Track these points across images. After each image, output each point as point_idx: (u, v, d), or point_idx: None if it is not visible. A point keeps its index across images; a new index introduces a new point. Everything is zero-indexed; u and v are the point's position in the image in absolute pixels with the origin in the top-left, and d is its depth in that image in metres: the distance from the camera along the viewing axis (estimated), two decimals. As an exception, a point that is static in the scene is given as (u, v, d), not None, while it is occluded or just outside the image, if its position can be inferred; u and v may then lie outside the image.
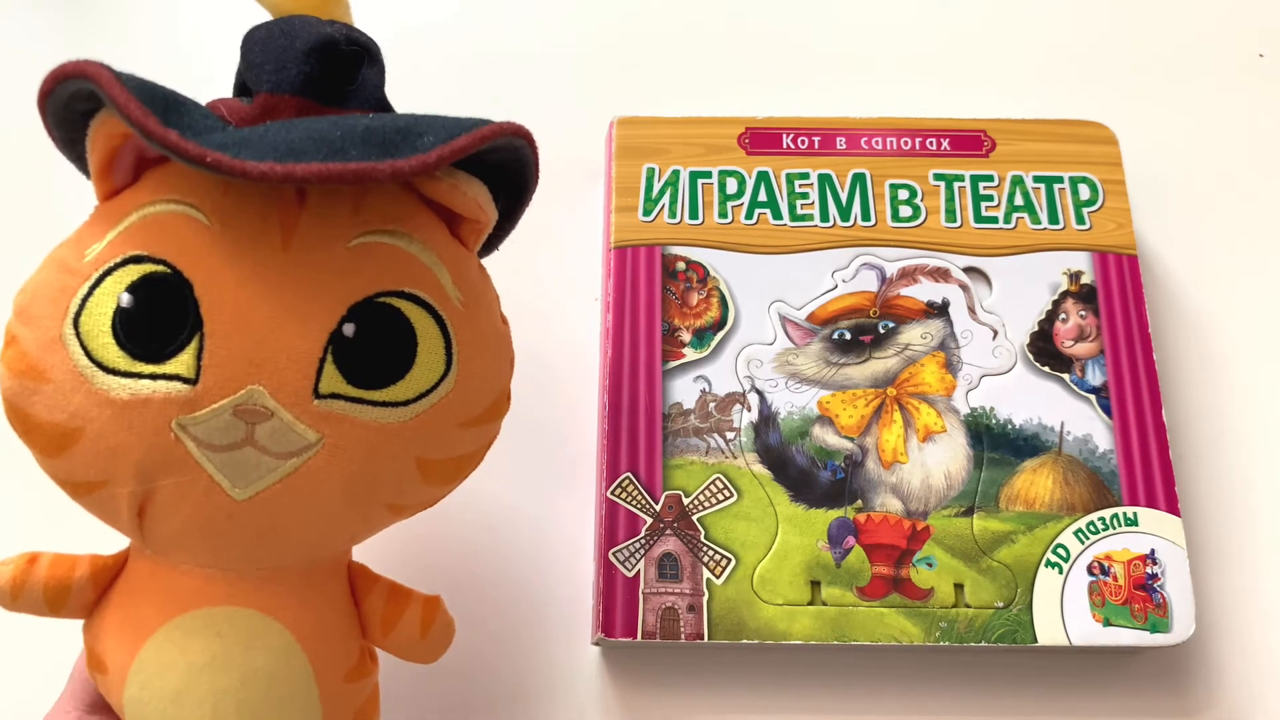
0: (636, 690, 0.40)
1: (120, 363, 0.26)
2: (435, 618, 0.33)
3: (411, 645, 0.33)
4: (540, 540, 0.42)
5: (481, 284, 0.31)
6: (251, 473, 0.26)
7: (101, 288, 0.26)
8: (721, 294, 0.44)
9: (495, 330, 0.31)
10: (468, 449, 0.30)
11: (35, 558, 0.30)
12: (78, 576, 0.30)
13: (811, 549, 0.40)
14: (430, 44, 0.53)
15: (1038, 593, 0.39)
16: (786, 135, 0.47)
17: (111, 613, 0.30)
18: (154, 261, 0.26)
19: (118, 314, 0.26)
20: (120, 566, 0.31)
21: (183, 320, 0.26)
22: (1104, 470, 0.41)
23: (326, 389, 0.26)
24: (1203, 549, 0.43)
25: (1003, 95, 0.52)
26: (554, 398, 0.45)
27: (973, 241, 0.45)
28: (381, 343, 0.27)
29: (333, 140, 0.25)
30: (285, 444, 0.26)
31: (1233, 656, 0.41)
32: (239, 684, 0.28)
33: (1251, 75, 0.53)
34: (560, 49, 0.53)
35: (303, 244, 0.27)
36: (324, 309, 0.26)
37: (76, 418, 0.26)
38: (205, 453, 0.26)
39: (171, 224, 0.26)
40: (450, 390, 0.28)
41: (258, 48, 0.29)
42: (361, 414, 0.27)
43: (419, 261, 0.28)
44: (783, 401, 0.42)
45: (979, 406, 0.42)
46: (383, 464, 0.28)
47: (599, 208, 0.47)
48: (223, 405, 0.26)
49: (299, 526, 0.28)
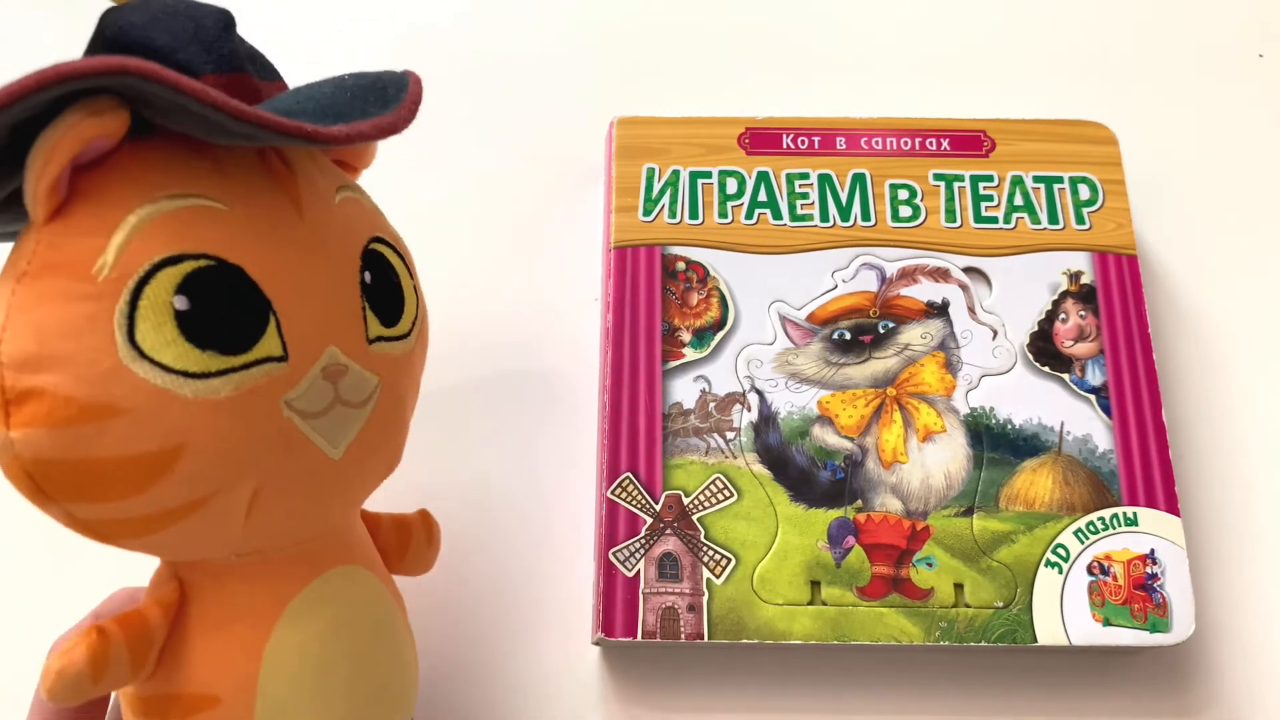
0: (636, 690, 0.40)
1: (210, 364, 0.24)
2: (434, 524, 0.36)
3: (421, 558, 0.36)
4: (540, 540, 0.42)
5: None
6: (341, 430, 0.28)
7: (145, 299, 0.24)
8: (721, 294, 0.44)
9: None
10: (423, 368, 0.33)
11: (99, 626, 0.27)
12: (154, 624, 0.28)
13: (811, 549, 0.40)
14: (431, 44, 0.53)
15: (1037, 593, 0.39)
16: (786, 135, 0.47)
17: (198, 642, 0.28)
18: (191, 258, 0.24)
19: (180, 318, 0.24)
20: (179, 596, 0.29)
21: (254, 304, 0.25)
22: (1104, 470, 0.41)
23: (373, 334, 0.28)
24: (1203, 549, 0.43)
25: (1003, 95, 0.52)
26: (554, 398, 0.45)
27: (973, 241, 0.45)
28: (387, 284, 0.29)
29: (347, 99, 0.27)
30: (360, 393, 0.28)
31: (1233, 656, 0.41)
32: (371, 634, 0.31)
33: (1251, 75, 0.53)
34: (560, 49, 0.53)
35: (311, 210, 0.27)
36: (349, 262, 0.28)
37: (173, 436, 0.24)
38: (309, 423, 0.27)
39: (189, 217, 0.25)
40: (420, 315, 0.31)
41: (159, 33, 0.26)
42: (392, 349, 0.29)
43: (375, 208, 0.30)
44: (783, 401, 0.42)
45: (979, 406, 0.42)
46: (408, 390, 0.31)
47: (599, 208, 0.47)
48: (314, 372, 0.26)
49: (376, 465, 0.30)
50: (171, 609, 0.28)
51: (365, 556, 0.32)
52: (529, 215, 0.49)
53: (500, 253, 0.48)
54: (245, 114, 0.23)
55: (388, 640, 0.32)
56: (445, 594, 0.35)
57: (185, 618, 0.29)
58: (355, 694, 0.30)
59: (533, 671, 0.40)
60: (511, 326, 0.46)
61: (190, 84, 0.23)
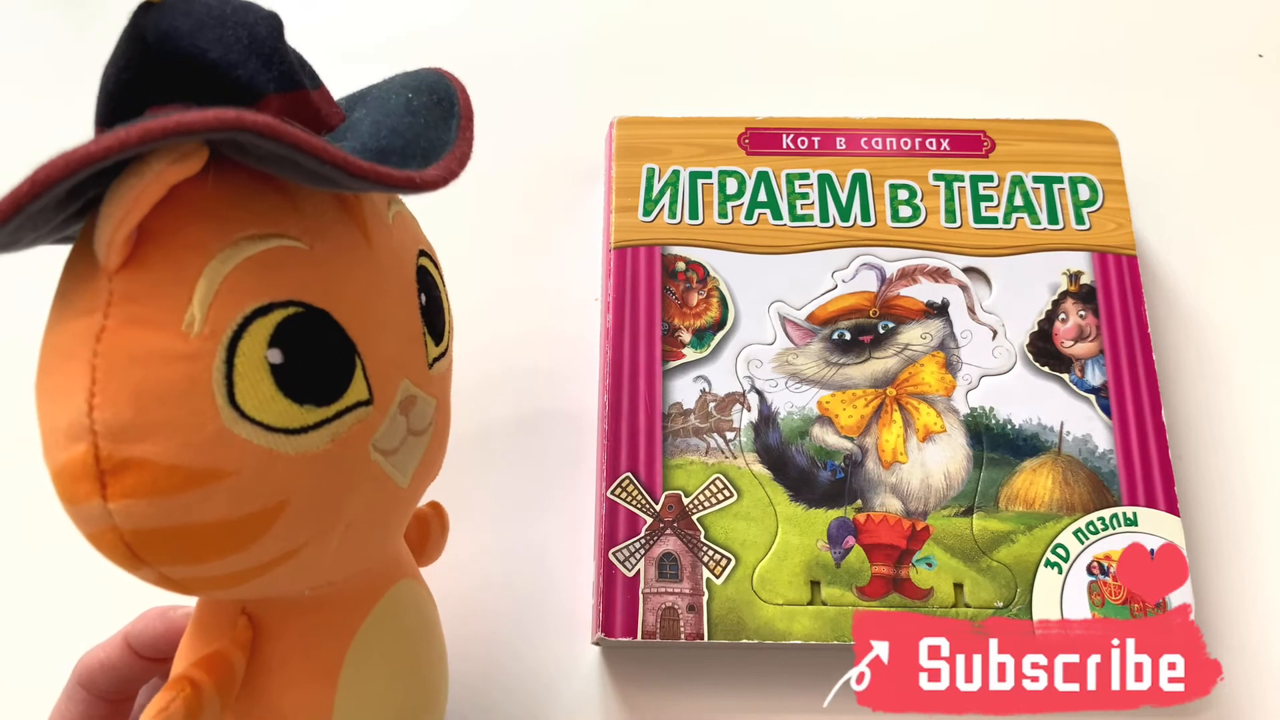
0: (636, 690, 0.40)
1: (308, 418, 0.24)
2: (445, 513, 0.37)
3: (435, 547, 0.36)
4: (540, 540, 0.42)
5: None
6: (410, 459, 0.28)
7: (241, 355, 0.23)
8: (721, 294, 0.44)
9: None
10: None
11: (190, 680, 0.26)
12: (236, 663, 0.28)
13: (811, 549, 0.40)
14: (431, 44, 0.53)
15: (1037, 592, 0.39)
16: (786, 135, 0.47)
17: (275, 675, 0.28)
18: (280, 306, 0.23)
19: (276, 373, 0.23)
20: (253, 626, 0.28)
21: (341, 350, 0.25)
22: (1104, 470, 0.41)
23: (431, 355, 0.28)
24: (1202, 549, 0.43)
25: (1003, 95, 0.52)
26: (554, 398, 0.45)
27: (972, 241, 0.45)
28: (435, 302, 0.29)
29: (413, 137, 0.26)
30: (424, 419, 0.28)
31: (1233, 657, 0.41)
32: (425, 639, 0.32)
33: (1251, 75, 0.53)
34: (560, 49, 0.53)
35: (377, 235, 0.27)
36: (408, 286, 0.28)
37: (277, 494, 0.24)
38: (389, 460, 0.27)
39: (273, 260, 0.24)
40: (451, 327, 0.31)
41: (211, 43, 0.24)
42: (442, 367, 0.29)
43: (409, 214, 0.30)
44: (783, 401, 0.42)
45: (979, 406, 0.42)
46: (449, 406, 0.31)
47: (599, 208, 0.47)
48: (393, 410, 0.26)
49: (427, 482, 0.30)
50: (248, 647, 0.28)
51: (411, 567, 0.33)
52: (529, 215, 0.49)
53: (500, 253, 0.48)
54: (362, 170, 0.22)
55: (437, 642, 0.34)
56: (445, 594, 0.35)
57: (258, 652, 0.28)
58: (416, 697, 0.32)
59: (533, 671, 0.40)
60: (511, 326, 0.46)
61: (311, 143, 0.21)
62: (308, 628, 0.28)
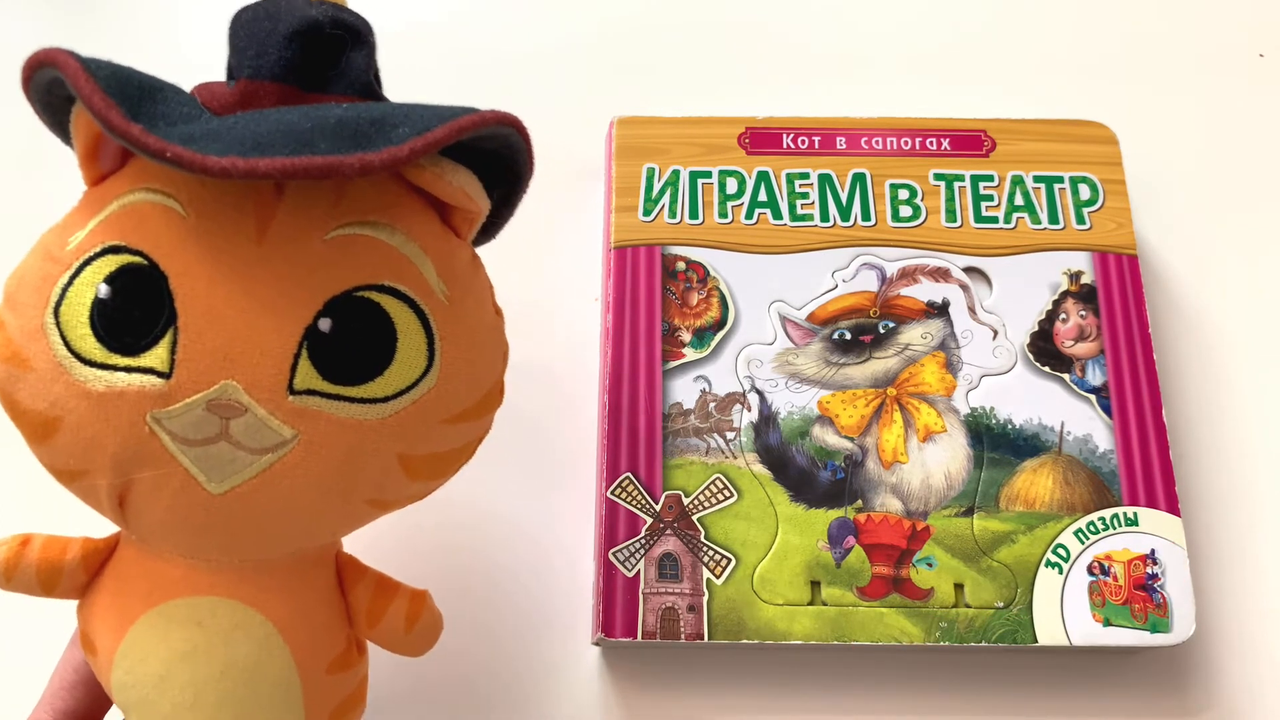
0: (636, 690, 0.40)
1: (96, 354, 0.26)
2: (421, 612, 0.33)
3: (397, 638, 0.33)
4: (540, 540, 0.42)
5: (471, 274, 0.30)
6: (227, 467, 0.26)
7: (81, 277, 0.26)
8: (721, 294, 0.44)
9: (485, 323, 0.30)
10: (455, 444, 0.30)
11: (28, 539, 0.31)
12: (69, 559, 0.30)
13: (811, 549, 0.40)
14: (430, 43, 0.53)
15: (1038, 593, 0.39)
16: (786, 135, 0.47)
17: (101, 596, 0.30)
18: (131, 252, 0.26)
19: (95, 305, 0.26)
20: (111, 550, 0.31)
21: (158, 313, 0.26)
22: (1104, 470, 0.41)
23: (301, 385, 0.26)
24: (1203, 549, 0.43)
25: (1003, 95, 0.52)
26: (554, 398, 0.45)
27: (973, 241, 0.45)
28: (359, 338, 0.27)
29: (301, 132, 0.25)
30: (260, 440, 0.26)
31: (1233, 656, 0.41)
32: (219, 674, 0.29)
33: (1251, 75, 0.53)
34: (560, 48, 0.53)
35: (277, 237, 0.26)
36: (299, 303, 0.26)
37: (56, 407, 0.26)
38: (180, 446, 0.26)
39: (149, 214, 0.26)
40: (433, 386, 0.28)
41: (242, 31, 0.28)
42: (338, 410, 0.26)
43: (399, 253, 0.27)
44: (783, 401, 0.42)
45: (979, 406, 0.42)
46: (362, 460, 0.27)
47: (599, 208, 0.47)
48: (196, 400, 0.26)
49: (276, 521, 0.28)
50: (95, 554, 0.31)
51: (276, 604, 0.30)
52: (529, 215, 0.49)
53: (500, 252, 0.48)
54: (115, 126, 0.24)
55: (255, 696, 0.29)
56: (444, 593, 0.34)
57: (103, 572, 0.31)
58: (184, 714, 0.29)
59: (533, 671, 0.40)
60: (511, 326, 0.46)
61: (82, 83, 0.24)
62: (129, 574, 0.30)
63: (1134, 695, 0.40)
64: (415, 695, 0.39)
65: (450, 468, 0.30)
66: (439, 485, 0.30)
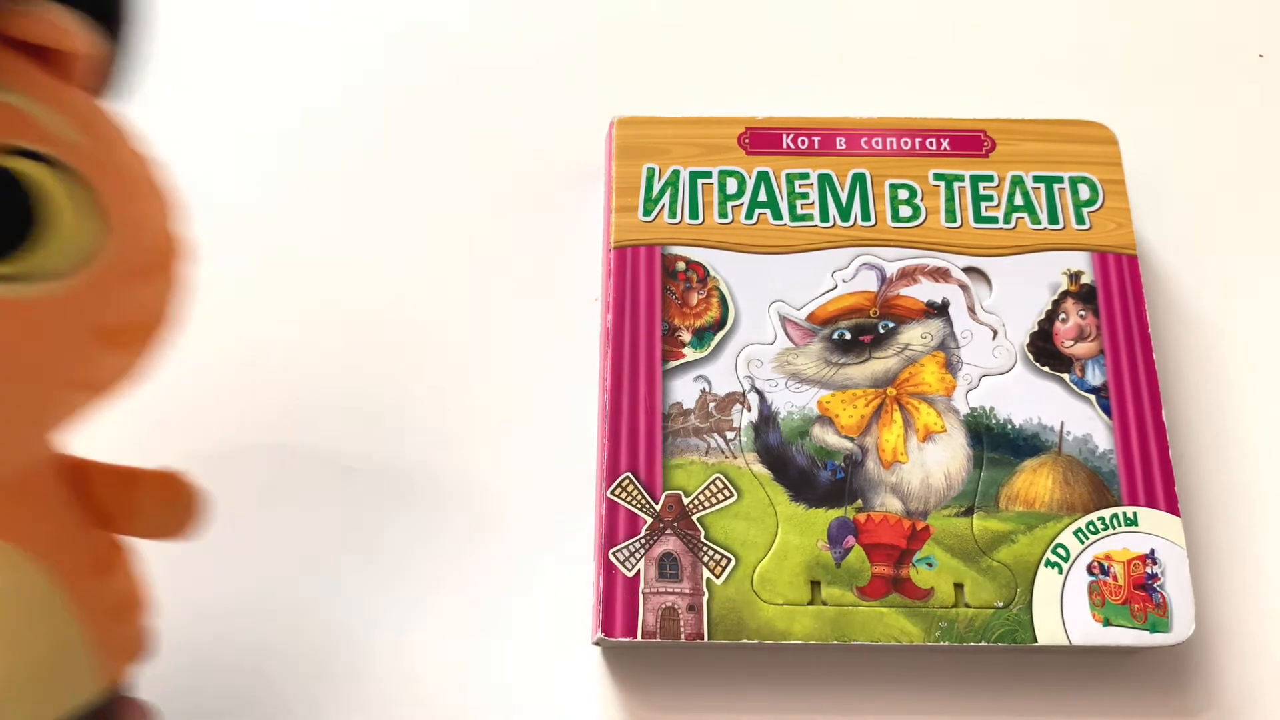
0: (636, 690, 0.40)
1: None
2: (175, 491, 0.31)
3: (154, 523, 0.31)
4: (540, 540, 0.42)
5: (107, 122, 0.27)
6: None
7: None
8: (721, 294, 0.44)
9: (140, 168, 0.27)
10: (147, 305, 0.27)
11: None
12: None
13: (811, 549, 0.40)
14: (430, 43, 0.53)
15: (1037, 592, 0.39)
16: (786, 135, 0.47)
17: None
18: None
19: None
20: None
21: None
22: (1104, 470, 0.41)
23: None
24: (1203, 549, 0.43)
25: (1003, 95, 0.52)
26: (554, 398, 0.45)
27: (973, 241, 0.45)
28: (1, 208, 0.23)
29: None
30: None
31: (1233, 656, 0.41)
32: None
33: (1251, 75, 0.53)
34: (560, 48, 0.53)
35: None
36: None
37: None
38: None
39: None
40: (104, 246, 0.25)
41: None
42: (5, 292, 0.23)
43: (19, 111, 0.24)
44: (783, 401, 0.42)
45: (979, 406, 0.42)
46: (49, 340, 0.24)
47: (599, 208, 0.47)
48: None
49: None
50: None
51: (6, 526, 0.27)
52: (529, 215, 0.49)
53: (500, 253, 0.48)
54: None
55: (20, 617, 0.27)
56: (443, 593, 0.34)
57: None
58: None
59: (533, 671, 0.40)
60: (511, 326, 0.46)
61: None
62: None
63: (1134, 695, 0.40)
64: (415, 695, 0.39)
65: (148, 333, 0.27)
66: (144, 356, 0.28)
